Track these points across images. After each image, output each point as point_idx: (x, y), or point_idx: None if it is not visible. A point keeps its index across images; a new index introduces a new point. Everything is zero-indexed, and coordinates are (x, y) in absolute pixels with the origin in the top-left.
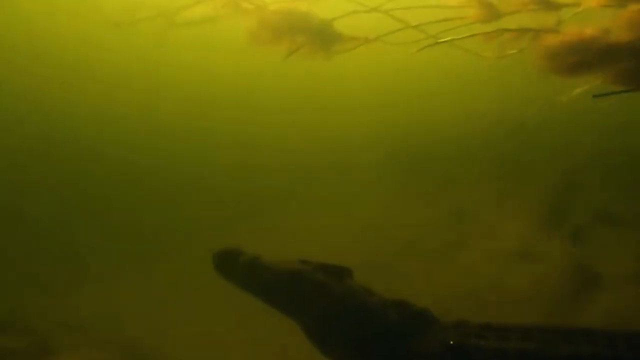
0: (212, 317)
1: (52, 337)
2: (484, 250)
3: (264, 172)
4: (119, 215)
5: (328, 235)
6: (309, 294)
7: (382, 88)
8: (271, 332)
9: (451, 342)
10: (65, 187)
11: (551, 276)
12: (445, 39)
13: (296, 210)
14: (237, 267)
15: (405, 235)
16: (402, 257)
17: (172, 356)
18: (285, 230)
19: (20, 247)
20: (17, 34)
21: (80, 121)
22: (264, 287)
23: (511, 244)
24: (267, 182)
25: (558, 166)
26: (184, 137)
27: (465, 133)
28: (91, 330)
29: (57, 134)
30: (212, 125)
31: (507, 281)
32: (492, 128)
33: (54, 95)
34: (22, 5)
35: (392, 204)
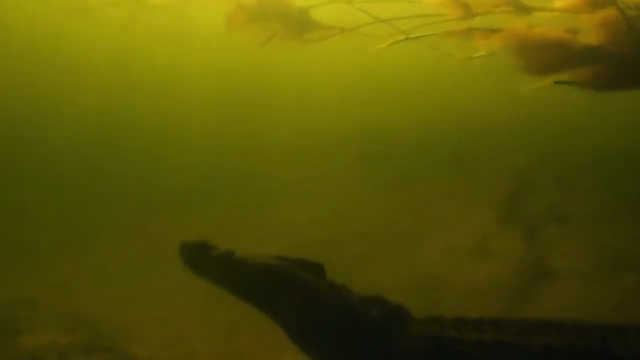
0: (176, 295)
1: (12, 316)
2: (440, 245)
3: (221, 159)
4: (76, 191)
5: (284, 227)
6: (291, 290)
7: (346, 81)
8: (241, 314)
9: (435, 336)
10: (18, 163)
11: (505, 271)
12: (415, 35)
13: (252, 201)
14: (209, 262)
15: (361, 228)
16: (358, 249)
17: (136, 335)
18: (241, 221)
19: None
20: None
21: (41, 113)
22: (241, 284)
23: (467, 239)
24: (222, 171)
25: (515, 164)
26: (150, 127)
27: (426, 129)
28: (51, 308)
29: (17, 123)
30: (180, 113)
31: (461, 275)
32: (453, 125)
33: (8, 87)
34: None
35: (349, 197)
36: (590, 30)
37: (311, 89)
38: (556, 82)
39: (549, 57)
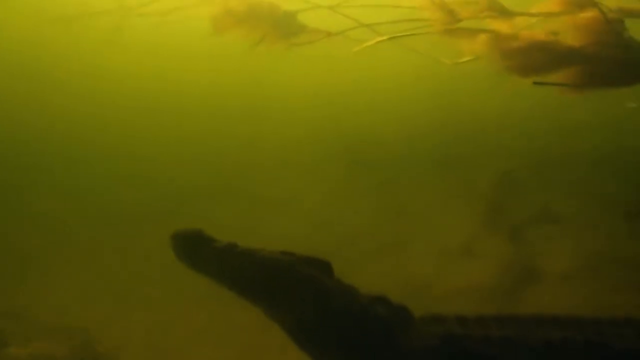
0: (167, 304)
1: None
2: (426, 248)
3: (201, 167)
4: (61, 200)
5: (271, 237)
6: (298, 287)
7: (330, 85)
8: (235, 324)
9: (443, 334)
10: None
11: (491, 272)
12: (397, 35)
13: (239, 211)
14: (207, 254)
15: (347, 232)
16: (344, 253)
17: (125, 344)
18: (227, 232)
19: None
20: None
21: (22, 127)
22: (244, 278)
23: (453, 242)
24: (204, 179)
25: (499, 166)
26: (134, 141)
27: (411, 134)
28: (40, 320)
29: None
30: (166, 125)
31: (448, 277)
32: (439, 129)
33: None
34: None
35: (334, 201)
36: (572, 32)
37: (298, 95)
38: (535, 83)
39: (534, 58)
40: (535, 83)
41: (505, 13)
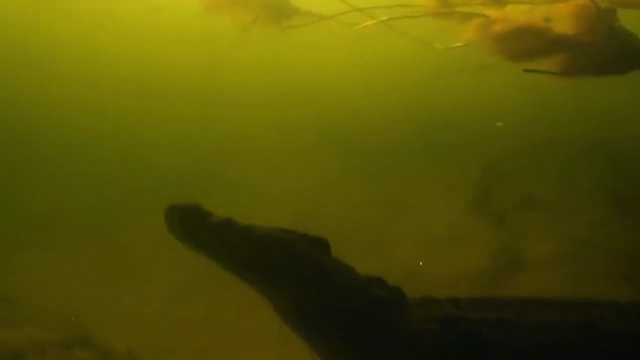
0: (152, 289)
1: None
2: (413, 234)
3: (192, 153)
4: (48, 189)
5: (258, 217)
6: (300, 266)
7: (320, 72)
8: (219, 305)
9: (445, 317)
10: None
11: (477, 259)
12: (388, 18)
13: (229, 199)
14: (204, 230)
15: (336, 220)
16: (333, 241)
17: (113, 328)
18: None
19: None
20: None
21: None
22: (242, 255)
23: (439, 229)
24: (199, 170)
25: (485, 153)
26: (124, 126)
27: (399, 121)
28: (31, 305)
29: None
30: (156, 112)
31: (434, 263)
32: (425, 116)
33: None
34: None
35: (322, 189)
36: (564, 19)
37: (290, 80)
38: (525, 70)
39: (525, 44)
40: (525, 70)
41: (497, 1)
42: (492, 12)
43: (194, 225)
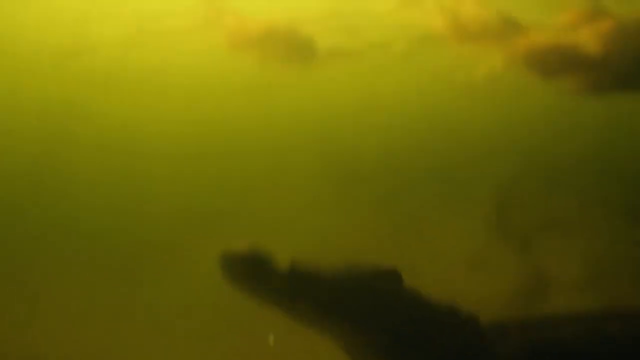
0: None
1: None
2: (430, 257)
3: (193, 193)
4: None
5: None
6: (382, 304)
7: (325, 101)
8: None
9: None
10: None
11: (501, 283)
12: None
13: (228, 232)
14: (271, 277)
15: (353, 245)
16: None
17: None
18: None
19: None
20: None
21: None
22: (316, 301)
23: (461, 255)
24: (198, 203)
25: (504, 176)
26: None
27: (414, 145)
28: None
29: None
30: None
31: (459, 289)
32: (440, 140)
33: None
34: None
35: (333, 220)
36: (589, 40)
37: (289, 111)
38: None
39: (552, 61)
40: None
41: (518, 28)
42: (510, 38)
43: (259, 273)
